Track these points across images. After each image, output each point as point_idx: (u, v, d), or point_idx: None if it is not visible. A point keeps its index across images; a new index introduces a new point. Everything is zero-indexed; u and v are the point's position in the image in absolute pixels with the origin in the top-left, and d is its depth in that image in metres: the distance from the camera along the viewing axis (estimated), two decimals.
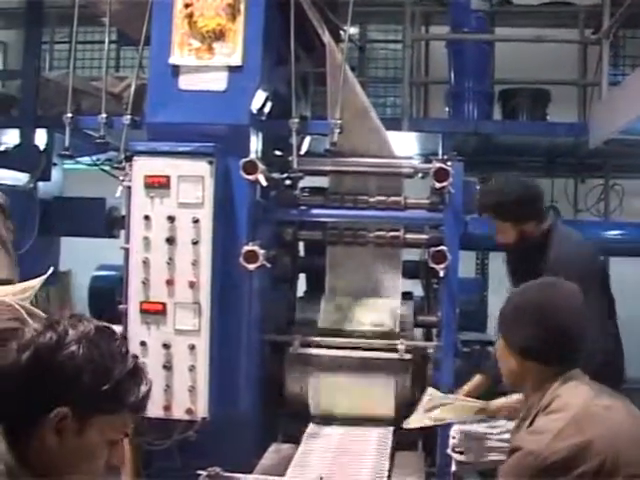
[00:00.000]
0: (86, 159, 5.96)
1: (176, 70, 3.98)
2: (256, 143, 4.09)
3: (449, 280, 4.04)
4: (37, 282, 2.89)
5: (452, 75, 6.99)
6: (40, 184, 5.63)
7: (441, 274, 3.97)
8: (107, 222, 5.74)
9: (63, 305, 10.36)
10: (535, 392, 2.33)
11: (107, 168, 5.67)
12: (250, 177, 3.84)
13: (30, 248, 5.42)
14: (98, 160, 5.96)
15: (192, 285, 3.75)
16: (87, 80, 5.87)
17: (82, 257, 7.76)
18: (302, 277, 5.25)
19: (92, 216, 5.78)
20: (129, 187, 3.83)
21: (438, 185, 3.95)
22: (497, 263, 8.43)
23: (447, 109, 6.99)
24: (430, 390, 3.91)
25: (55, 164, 5.79)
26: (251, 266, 3.85)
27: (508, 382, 2.49)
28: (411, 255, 5.00)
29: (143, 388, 1.80)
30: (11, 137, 6.13)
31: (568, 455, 2.11)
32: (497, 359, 2.49)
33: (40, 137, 5.74)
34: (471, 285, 7.14)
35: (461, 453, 3.86)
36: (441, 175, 3.93)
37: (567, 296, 2.40)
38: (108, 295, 6.16)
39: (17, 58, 7.39)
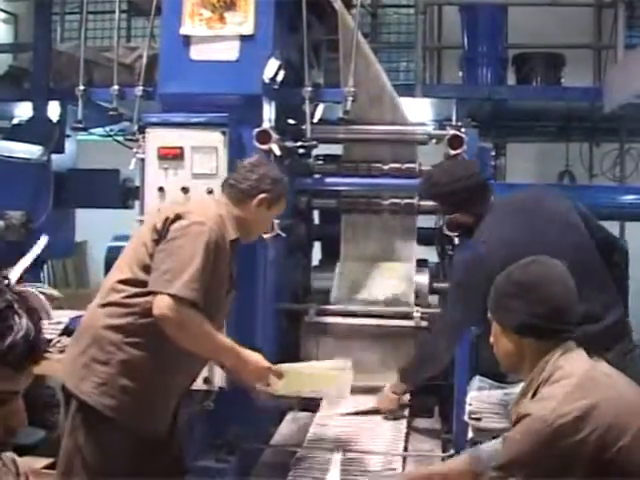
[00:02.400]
0: (99, 130, 5.94)
1: (187, 40, 3.95)
2: (269, 112, 4.06)
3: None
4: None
5: (465, 40, 6.92)
6: (54, 156, 5.62)
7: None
8: (121, 193, 5.74)
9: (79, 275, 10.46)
10: (532, 368, 2.35)
11: (120, 139, 5.67)
12: (263, 147, 3.83)
13: (45, 221, 5.44)
14: (111, 131, 5.95)
15: None
16: (98, 51, 5.84)
17: (97, 228, 7.78)
18: (317, 245, 5.27)
19: (106, 187, 5.77)
20: (142, 159, 3.83)
21: (452, 152, 3.93)
22: None
23: (460, 74, 6.93)
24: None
25: (68, 136, 5.78)
26: (266, 235, 3.85)
27: (505, 364, 2.49)
28: (425, 222, 4.99)
29: (11, 337, 1.54)
30: (24, 110, 6.13)
31: (576, 417, 2.13)
32: (492, 343, 2.48)
33: (53, 109, 5.72)
34: None
35: (478, 420, 3.88)
36: (455, 142, 3.91)
37: (556, 271, 2.42)
38: None
39: (28, 30, 7.36)
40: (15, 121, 6.40)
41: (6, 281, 1.63)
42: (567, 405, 2.15)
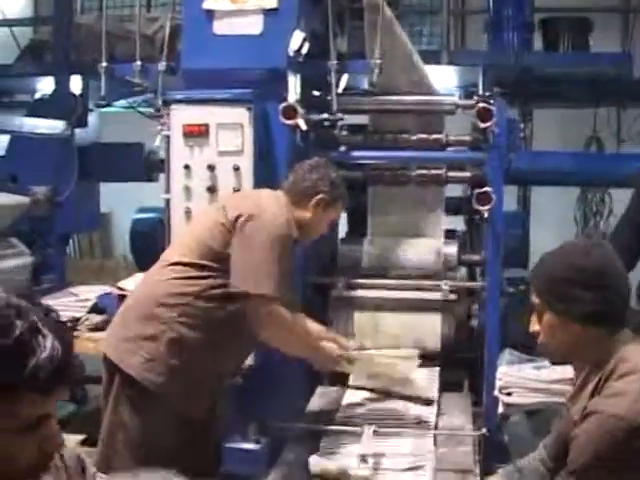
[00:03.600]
0: (122, 102, 5.91)
1: (210, 15, 3.89)
2: (294, 86, 4.01)
3: (494, 221, 3.97)
4: None
5: (491, 4, 6.79)
6: (77, 130, 5.60)
7: (485, 215, 3.90)
8: (146, 166, 5.72)
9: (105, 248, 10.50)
10: (594, 358, 2.25)
11: (144, 110, 5.62)
12: (290, 122, 3.78)
13: (70, 195, 5.44)
14: (134, 102, 5.91)
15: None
16: (118, 21, 5.79)
17: (122, 199, 7.79)
18: (343, 217, 5.22)
19: (131, 161, 5.76)
20: (168, 136, 3.79)
21: (482, 125, 3.86)
22: (539, 195, 8.36)
23: (486, 40, 6.81)
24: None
25: (91, 110, 5.75)
26: None
27: (561, 354, 2.35)
28: (453, 191, 4.93)
29: (34, 360, 1.47)
30: (46, 84, 6.10)
31: None
32: (545, 332, 2.36)
33: (75, 83, 5.69)
34: (513, 219, 7.00)
35: (508, 394, 3.86)
36: (485, 115, 3.83)
37: (612, 254, 2.32)
38: (149, 237, 6.20)
39: (48, 3, 7.30)
40: (37, 95, 6.39)
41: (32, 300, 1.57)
42: None
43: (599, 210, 8.69)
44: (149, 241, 5.81)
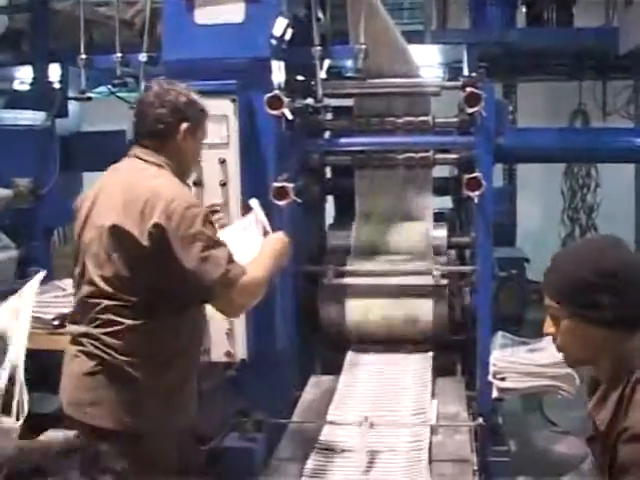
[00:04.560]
0: (102, 88, 5.81)
1: (191, 4, 3.80)
2: (279, 74, 3.94)
3: (483, 206, 3.93)
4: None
5: None
6: (58, 120, 5.52)
7: (476, 201, 3.86)
8: None
9: None
10: (615, 364, 2.15)
11: (125, 95, 5.53)
12: (275, 112, 3.72)
13: (53, 186, 5.37)
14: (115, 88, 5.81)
15: (223, 227, 3.67)
16: (95, 5, 5.68)
17: None
18: (331, 201, 5.17)
19: (113, 149, 5.65)
20: None
21: (470, 110, 3.81)
22: (525, 170, 8.33)
23: (468, 17, 6.72)
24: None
25: (71, 99, 5.66)
26: (282, 202, 3.78)
27: (581, 358, 2.19)
28: (441, 172, 4.90)
29: None
30: (24, 73, 6.00)
31: None
32: (562, 337, 2.26)
33: (54, 71, 5.60)
34: (499, 195, 6.95)
35: (502, 379, 3.85)
36: (472, 100, 3.78)
37: (631, 256, 2.21)
38: None
39: None
40: (16, 83, 6.29)
41: None
42: None
43: (586, 183, 8.68)
44: None
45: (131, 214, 2.69)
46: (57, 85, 5.67)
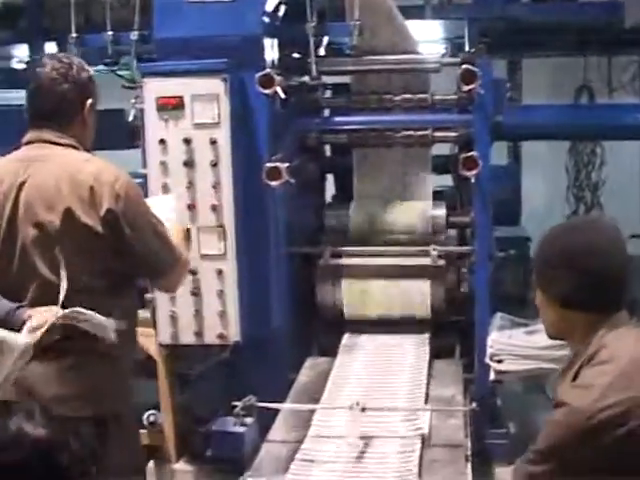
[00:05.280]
0: (100, 67, 5.75)
1: None
2: (271, 52, 3.87)
3: (481, 186, 3.87)
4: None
5: None
6: None
7: (472, 180, 3.80)
8: (128, 133, 5.58)
9: None
10: (581, 341, 2.16)
11: (122, 73, 5.47)
12: (267, 91, 3.65)
13: None
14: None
15: (214, 208, 3.63)
16: None
17: None
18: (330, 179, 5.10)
19: (112, 128, 5.60)
20: (142, 109, 3.67)
21: (465, 88, 3.73)
22: (530, 147, 8.23)
23: None
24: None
25: None
26: (274, 183, 3.72)
27: (552, 332, 2.29)
28: (440, 149, 4.82)
29: None
30: (21, 51, 5.95)
31: (617, 412, 1.97)
32: (539, 309, 2.30)
33: (50, 50, 5.53)
34: (503, 173, 6.87)
35: (500, 362, 3.80)
36: (468, 77, 3.70)
37: (605, 236, 2.19)
38: None
39: None
40: (14, 62, 6.24)
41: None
42: (609, 398, 1.98)
43: (591, 160, 8.59)
44: None
45: (80, 203, 2.61)
46: None
